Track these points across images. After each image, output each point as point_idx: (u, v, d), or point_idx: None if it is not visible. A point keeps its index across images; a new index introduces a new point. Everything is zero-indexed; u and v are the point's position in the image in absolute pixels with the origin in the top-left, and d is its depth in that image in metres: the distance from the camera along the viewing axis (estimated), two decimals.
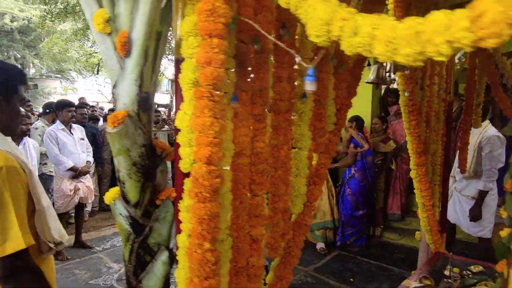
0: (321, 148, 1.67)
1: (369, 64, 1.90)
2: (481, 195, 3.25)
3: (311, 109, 1.52)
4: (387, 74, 2.61)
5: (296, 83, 1.49)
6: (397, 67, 2.19)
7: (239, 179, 1.28)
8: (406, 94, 2.39)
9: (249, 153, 1.28)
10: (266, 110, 1.37)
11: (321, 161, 1.66)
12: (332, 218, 4.68)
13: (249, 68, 1.27)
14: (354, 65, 1.78)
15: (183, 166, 1.03)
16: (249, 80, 1.27)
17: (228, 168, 1.27)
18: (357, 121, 4.57)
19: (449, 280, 2.47)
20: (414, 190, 2.91)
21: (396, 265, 4.16)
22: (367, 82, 2.61)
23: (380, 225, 4.88)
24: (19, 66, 9.23)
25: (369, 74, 2.64)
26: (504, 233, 1.54)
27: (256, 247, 1.37)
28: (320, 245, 4.61)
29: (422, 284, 3.09)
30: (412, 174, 2.80)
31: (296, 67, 1.49)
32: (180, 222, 1.05)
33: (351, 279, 3.87)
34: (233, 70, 1.19)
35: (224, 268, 1.31)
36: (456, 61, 3.03)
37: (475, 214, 3.27)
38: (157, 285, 1.12)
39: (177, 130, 1.03)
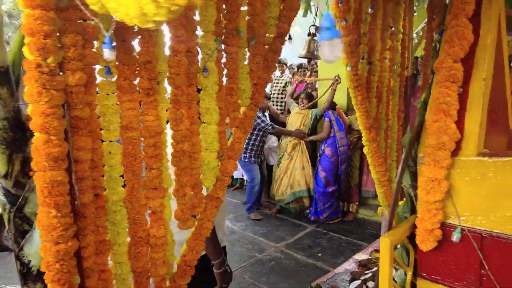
0: (236, 123, 1.68)
1: (290, 38, 1.87)
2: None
3: (216, 83, 1.52)
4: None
5: (199, 57, 1.49)
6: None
7: (129, 153, 1.31)
8: (348, 68, 2.37)
9: (137, 126, 1.31)
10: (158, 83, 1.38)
11: (235, 135, 1.67)
12: (307, 188, 4.77)
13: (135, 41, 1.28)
14: (274, 39, 1.76)
15: None
16: (133, 54, 1.27)
17: (115, 141, 1.31)
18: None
19: None
20: (369, 166, 2.92)
21: (367, 240, 4.22)
22: (299, 57, 2.57)
23: (356, 201, 4.93)
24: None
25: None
26: (401, 203, 1.56)
27: (155, 218, 1.42)
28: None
29: (370, 257, 3.16)
30: (365, 150, 2.80)
31: (199, 41, 1.50)
32: None
33: (319, 254, 3.95)
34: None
35: (121, 237, 1.37)
36: (414, 35, 2.96)
37: None
38: (37, 252, 1.17)
39: None
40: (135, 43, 1.30)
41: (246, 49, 1.68)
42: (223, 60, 1.61)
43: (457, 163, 1.25)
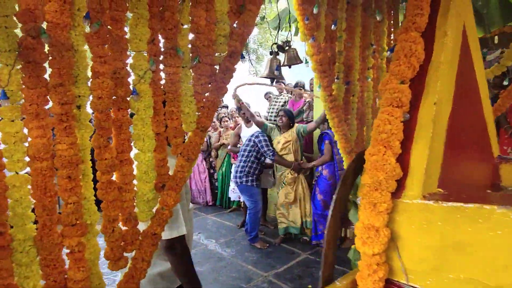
0: (179, 150, 1.53)
1: (243, 57, 1.73)
2: None
3: (149, 107, 1.39)
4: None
5: (130, 80, 1.36)
6: (292, 59, 2.01)
7: (38, 185, 1.17)
8: (317, 89, 2.21)
9: (48, 156, 1.17)
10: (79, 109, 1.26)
11: (178, 164, 1.51)
12: (301, 222, 4.56)
13: (44, 64, 1.16)
14: (224, 59, 1.63)
15: None
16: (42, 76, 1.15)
17: (23, 172, 1.17)
18: (323, 120, 4.40)
19: None
20: None
21: None
22: (261, 77, 2.43)
23: (353, 226, 4.65)
24: None
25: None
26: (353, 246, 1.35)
27: (74, 259, 1.25)
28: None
29: None
30: None
31: (131, 61, 1.37)
32: None
33: (309, 286, 3.67)
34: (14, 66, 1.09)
35: (30, 282, 1.20)
36: None
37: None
38: None
39: None
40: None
41: (191, 70, 1.55)
42: (163, 82, 1.48)
43: (400, 206, 1.01)
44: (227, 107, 7.77)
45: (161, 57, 1.45)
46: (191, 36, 1.55)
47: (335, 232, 1.20)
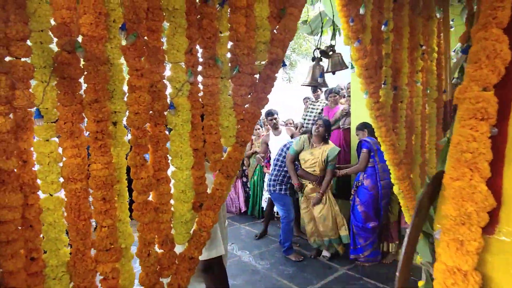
0: (217, 167, 1.42)
1: (284, 65, 1.60)
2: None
3: (187, 121, 1.29)
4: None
5: (167, 92, 1.28)
6: (336, 65, 1.85)
7: (72, 208, 1.10)
8: (364, 96, 2.03)
9: (82, 176, 1.10)
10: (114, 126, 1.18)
11: (217, 181, 1.41)
12: (338, 236, 4.28)
13: (79, 79, 1.09)
14: (265, 67, 1.51)
15: None
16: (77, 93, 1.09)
17: (59, 194, 1.10)
18: (367, 128, 4.13)
19: None
20: (401, 208, 2.47)
21: None
22: (303, 85, 2.26)
23: (396, 240, 4.33)
24: None
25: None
26: (421, 283, 1.15)
27: (107, 286, 1.17)
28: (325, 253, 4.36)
29: None
30: (395, 189, 2.38)
31: (168, 73, 1.29)
32: None
33: None
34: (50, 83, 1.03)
35: None
36: (452, 53, 2.55)
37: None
38: None
39: None
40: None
41: (230, 81, 1.44)
42: (201, 94, 1.38)
43: (495, 245, 0.80)
44: None
45: (199, 68, 1.36)
46: (229, 44, 1.45)
47: (407, 274, 1.02)
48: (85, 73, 1.08)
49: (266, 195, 5.85)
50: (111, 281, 1.16)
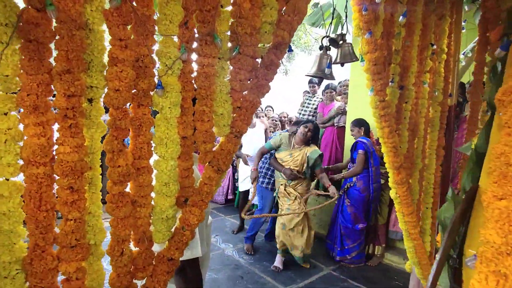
0: (208, 158, 1.26)
1: (290, 50, 1.43)
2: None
3: (176, 104, 1.12)
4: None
5: (156, 70, 1.11)
6: (346, 56, 1.70)
7: (32, 196, 0.93)
8: (369, 93, 1.88)
9: (46, 160, 0.92)
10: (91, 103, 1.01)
11: (206, 175, 1.25)
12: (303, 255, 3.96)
13: (50, 44, 0.91)
14: (269, 51, 1.34)
15: None
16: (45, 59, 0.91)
17: (17, 179, 0.93)
18: (364, 126, 3.94)
19: None
20: (396, 213, 2.36)
21: None
22: (307, 75, 2.11)
23: (382, 243, 4.27)
24: None
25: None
26: None
27: None
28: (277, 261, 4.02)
29: None
30: (392, 193, 2.26)
31: (158, 47, 1.11)
32: None
33: None
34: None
35: None
36: (461, 56, 2.42)
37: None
38: None
39: None
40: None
41: (228, 63, 1.27)
42: (194, 74, 1.21)
43: None
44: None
45: (195, 45, 1.19)
46: (231, 22, 1.27)
47: None
48: (57, 37, 0.90)
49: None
50: (74, 282, 1.00)
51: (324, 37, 2.10)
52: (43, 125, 0.91)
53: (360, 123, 3.87)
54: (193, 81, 1.21)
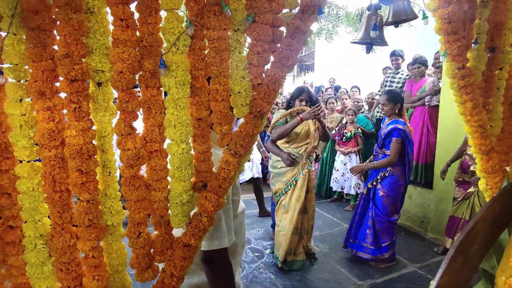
0: (225, 141, 1.17)
1: (321, 12, 1.21)
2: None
3: (184, 84, 1.06)
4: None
5: (161, 47, 1.06)
6: (400, 14, 1.37)
7: (47, 177, 0.99)
8: (441, 58, 1.51)
9: (57, 143, 0.97)
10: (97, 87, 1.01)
11: (224, 159, 1.17)
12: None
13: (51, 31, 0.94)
14: (297, 14, 1.17)
15: None
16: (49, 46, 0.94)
17: (36, 161, 1.00)
18: (400, 101, 3.14)
19: None
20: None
21: None
22: (353, 43, 1.76)
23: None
24: None
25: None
26: None
27: (88, 265, 1.06)
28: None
29: None
30: (481, 184, 1.82)
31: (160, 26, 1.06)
32: None
33: None
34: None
35: (44, 284, 1.06)
36: None
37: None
38: None
39: None
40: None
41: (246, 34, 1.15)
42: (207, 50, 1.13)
43: None
44: (337, 88, 7.04)
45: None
46: None
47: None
48: (50, 22, 0.92)
49: (335, 175, 5.45)
50: (91, 260, 1.05)
51: None
52: (51, 110, 0.96)
53: (396, 98, 3.18)
54: (206, 58, 1.12)
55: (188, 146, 1.11)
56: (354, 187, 5.25)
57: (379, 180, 3.34)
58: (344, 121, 5.26)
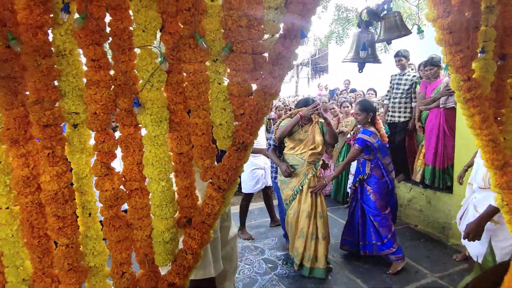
0: (208, 175, 1.12)
1: (303, 36, 1.14)
2: (489, 212, 2.04)
3: (158, 121, 1.02)
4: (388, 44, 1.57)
5: (134, 85, 1.03)
6: (392, 30, 1.29)
7: (24, 223, 0.98)
8: (442, 73, 1.41)
9: (31, 190, 0.95)
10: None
11: (207, 194, 1.12)
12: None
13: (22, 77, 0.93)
14: (279, 40, 1.11)
15: None
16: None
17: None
18: (372, 110, 3.34)
19: None
20: (507, 225, 1.77)
21: None
22: (344, 61, 1.66)
23: None
24: None
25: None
26: None
27: None
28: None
29: None
30: (497, 200, 1.69)
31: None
32: None
33: None
34: None
35: None
36: None
37: (472, 233, 2.09)
38: None
39: None
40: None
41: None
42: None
43: None
44: (352, 90, 6.85)
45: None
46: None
47: None
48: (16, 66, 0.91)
49: (351, 180, 5.32)
50: None
51: (363, 10, 1.60)
52: (26, 156, 0.95)
53: (368, 108, 3.36)
54: (184, 92, 1.09)
55: (168, 183, 1.08)
56: None
57: (365, 178, 3.52)
58: (359, 125, 5.12)
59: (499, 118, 1.55)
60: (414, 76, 4.28)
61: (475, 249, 2.40)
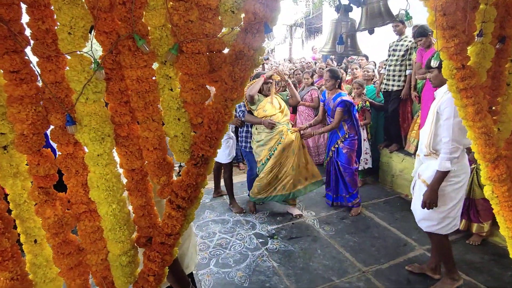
0: (166, 193, 1.01)
1: (268, 30, 0.97)
2: (437, 177, 2.17)
3: (98, 139, 0.88)
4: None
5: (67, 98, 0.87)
6: (375, 17, 1.11)
7: None
8: (433, 61, 1.25)
9: None
10: None
11: (166, 213, 1.01)
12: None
13: None
14: (240, 35, 0.94)
15: None
16: None
17: None
18: (340, 78, 3.68)
19: None
20: (496, 216, 1.70)
21: None
22: (322, 53, 1.47)
23: (485, 220, 3.41)
24: None
25: None
26: None
27: None
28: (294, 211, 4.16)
29: None
30: (486, 191, 1.61)
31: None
32: None
33: None
34: None
35: None
36: None
37: (427, 200, 2.24)
38: None
39: None
40: None
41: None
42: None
43: None
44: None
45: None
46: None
47: None
48: None
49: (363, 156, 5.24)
50: None
51: None
52: None
53: (336, 75, 3.66)
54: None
55: (119, 205, 0.96)
56: (361, 162, 5.03)
57: (342, 141, 3.91)
58: (352, 94, 4.94)
59: (494, 108, 1.42)
60: (410, 41, 4.04)
61: (426, 222, 2.57)
